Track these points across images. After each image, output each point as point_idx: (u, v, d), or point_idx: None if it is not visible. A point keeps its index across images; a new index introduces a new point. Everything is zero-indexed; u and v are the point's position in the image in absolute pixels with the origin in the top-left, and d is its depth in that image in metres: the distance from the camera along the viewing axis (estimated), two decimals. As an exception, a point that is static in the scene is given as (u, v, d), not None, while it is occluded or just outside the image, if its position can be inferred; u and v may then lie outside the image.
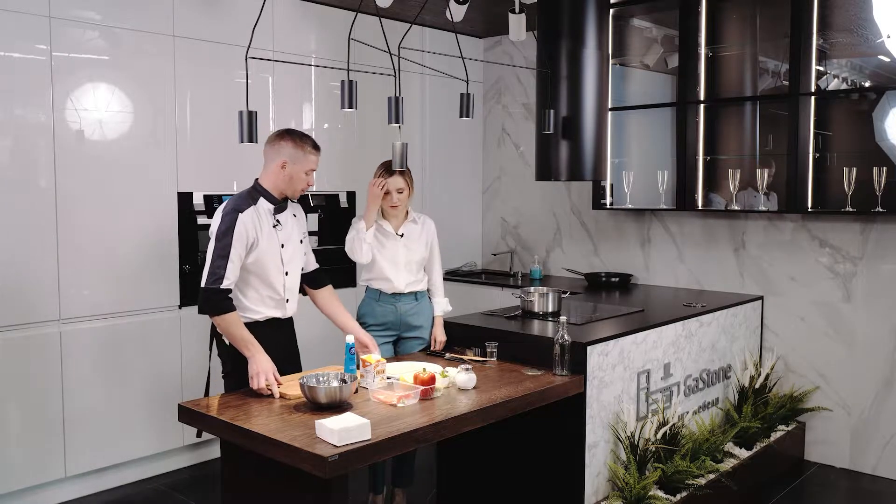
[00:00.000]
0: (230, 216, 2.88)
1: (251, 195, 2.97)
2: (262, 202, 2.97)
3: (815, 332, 4.37)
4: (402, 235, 3.55)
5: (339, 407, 2.60)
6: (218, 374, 3.10)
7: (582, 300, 4.37)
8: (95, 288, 3.85)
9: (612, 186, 4.96)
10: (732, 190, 4.44)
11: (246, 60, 2.68)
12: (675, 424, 3.51)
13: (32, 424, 3.67)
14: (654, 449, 3.37)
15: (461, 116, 3.21)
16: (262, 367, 2.79)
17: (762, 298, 4.52)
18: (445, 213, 5.50)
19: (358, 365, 2.93)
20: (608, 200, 4.98)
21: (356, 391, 2.78)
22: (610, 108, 4.49)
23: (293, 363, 3.19)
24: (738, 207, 4.52)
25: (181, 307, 4.18)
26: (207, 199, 4.24)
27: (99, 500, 3.89)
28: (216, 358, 3.07)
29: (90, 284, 3.83)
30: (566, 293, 4.35)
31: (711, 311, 4.04)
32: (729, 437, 3.88)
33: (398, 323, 3.57)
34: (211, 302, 2.83)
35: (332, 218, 4.82)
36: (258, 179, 3.02)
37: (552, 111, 3.92)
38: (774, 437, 4.15)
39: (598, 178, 4.26)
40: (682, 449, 3.49)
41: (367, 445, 2.31)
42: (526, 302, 3.82)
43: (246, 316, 2.96)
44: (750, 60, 4.69)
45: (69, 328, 3.77)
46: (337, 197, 4.89)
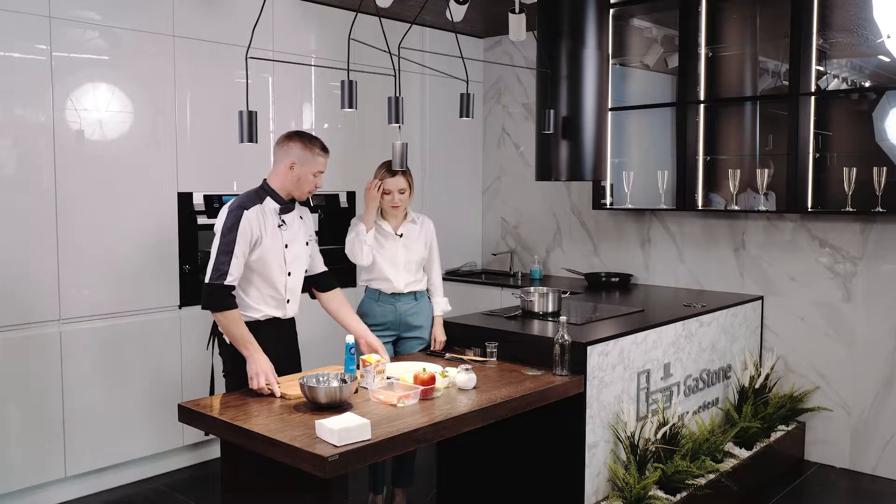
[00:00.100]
0: (235, 213, 2.89)
1: (258, 194, 2.99)
2: (268, 201, 2.98)
3: (815, 332, 4.37)
4: (401, 235, 3.56)
5: (339, 407, 2.60)
6: (220, 372, 3.10)
7: (582, 300, 4.37)
8: (95, 288, 3.85)
9: (612, 186, 4.96)
10: (732, 190, 4.44)
11: (246, 60, 2.68)
12: (675, 424, 3.51)
13: (32, 424, 3.67)
14: (654, 449, 3.37)
15: (461, 116, 3.21)
16: (260, 367, 2.79)
17: (762, 298, 4.52)
18: (445, 213, 5.50)
19: (358, 365, 2.93)
20: (608, 200, 4.98)
21: (356, 391, 2.78)
22: (610, 108, 4.49)
23: (293, 364, 3.18)
24: (737, 207, 4.53)
25: (181, 307, 4.18)
26: (207, 199, 4.24)
27: (99, 500, 3.89)
28: (218, 357, 3.08)
29: (90, 284, 3.83)
30: (566, 293, 4.35)
31: (711, 311, 4.04)
32: (729, 437, 3.88)
33: (398, 323, 3.57)
34: (214, 297, 2.83)
35: (332, 218, 4.82)
36: (266, 179, 3.04)
37: (552, 111, 3.92)
38: (774, 437, 4.16)
39: (598, 178, 4.26)
40: (682, 449, 3.49)
41: (367, 445, 2.31)
42: (526, 302, 3.83)
43: (247, 315, 2.96)
44: (750, 60, 4.69)
45: (69, 328, 3.77)
46: (337, 197, 4.89)
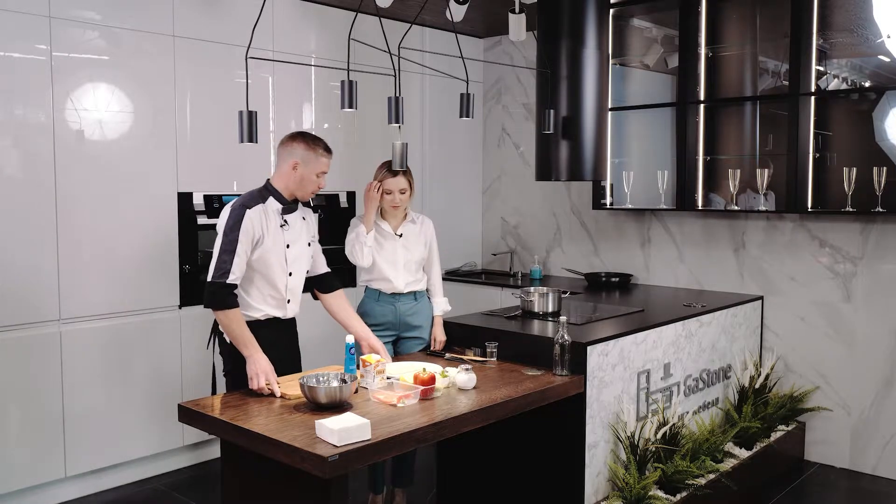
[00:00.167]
0: (238, 211, 2.90)
1: (261, 194, 3.00)
2: (271, 201, 2.99)
3: (815, 332, 4.37)
4: (400, 235, 3.56)
5: (339, 407, 2.60)
6: (221, 371, 3.11)
7: (582, 300, 4.37)
8: (95, 288, 3.85)
9: (612, 186, 4.96)
10: (732, 190, 4.44)
11: (246, 60, 2.68)
12: (675, 424, 3.51)
13: (32, 424, 3.67)
14: (654, 449, 3.37)
15: (461, 116, 3.21)
16: (260, 367, 2.79)
17: (762, 298, 4.52)
18: (445, 213, 5.50)
19: (358, 365, 2.93)
20: (608, 200, 4.98)
21: (356, 391, 2.78)
22: (610, 108, 4.49)
23: (294, 364, 3.18)
24: (737, 208, 4.52)
25: (181, 307, 4.18)
26: (207, 199, 4.24)
27: (99, 500, 3.89)
28: (219, 356, 3.08)
29: (90, 284, 3.83)
30: (566, 293, 4.35)
31: (711, 311, 4.04)
32: (729, 437, 3.88)
33: (397, 323, 3.57)
34: (216, 296, 2.83)
35: (331, 218, 4.82)
36: (270, 179, 3.05)
37: (552, 111, 3.92)
38: (774, 437, 4.15)
39: (598, 178, 4.26)
40: (682, 449, 3.49)
41: (367, 445, 2.31)
42: (526, 302, 3.82)
43: (247, 314, 2.96)
44: (750, 60, 4.69)
45: (69, 328, 3.77)
46: (337, 197, 4.89)
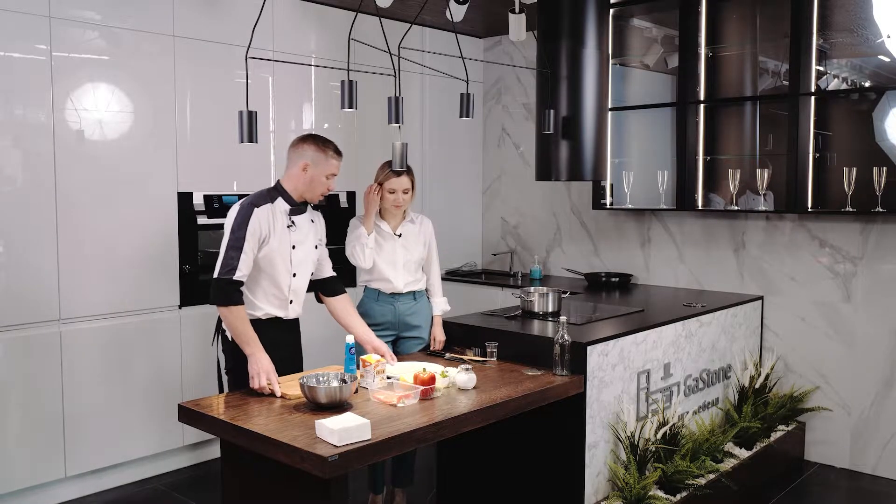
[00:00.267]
0: (246, 210, 2.92)
1: (270, 194, 3.02)
2: (279, 201, 3.01)
3: (815, 332, 4.37)
4: (399, 235, 3.56)
5: (339, 407, 2.60)
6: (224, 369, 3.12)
7: (582, 300, 4.37)
8: (95, 288, 3.85)
9: (612, 186, 4.95)
10: (732, 190, 4.44)
11: (246, 60, 2.68)
12: (675, 424, 3.51)
13: (32, 424, 3.67)
14: (654, 449, 3.37)
15: (461, 116, 3.21)
16: (262, 366, 2.80)
17: (762, 298, 4.52)
18: (445, 213, 5.50)
19: (358, 365, 2.93)
20: (608, 200, 4.98)
21: (356, 391, 2.78)
22: (610, 108, 4.49)
23: (295, 365, 3.19)
24: (737, 207, 4.52)
25: (181, 307, 4.18)
26: (207, 199, 4.24)
27: (99, 500, 3.89)
28: (222, 353, 3.09)
29: (90, 284, 3.83)
30: (566, 293, 4.35)
31: (711, 311, 4.04)
32: (729, 437, 3.87)
33: (397, 323, 3.57)
34: (222, 292, 2.85)
35: (331, 218, 4.76)
36: (280, 180, 3.07)
37: (552, 111, 3.92)
38: (774, 437, 4.15)
39: (598, 178, 4.26)
40: (682, 449, 3.49)
41: (367, 445, 2.31)
42: (526, 302, 3.82)
43: (249, 312, 2.97)
44: (750, 60, 4.69)
45: (69, 328, 3.77)
46: (337, 197, 4.89)
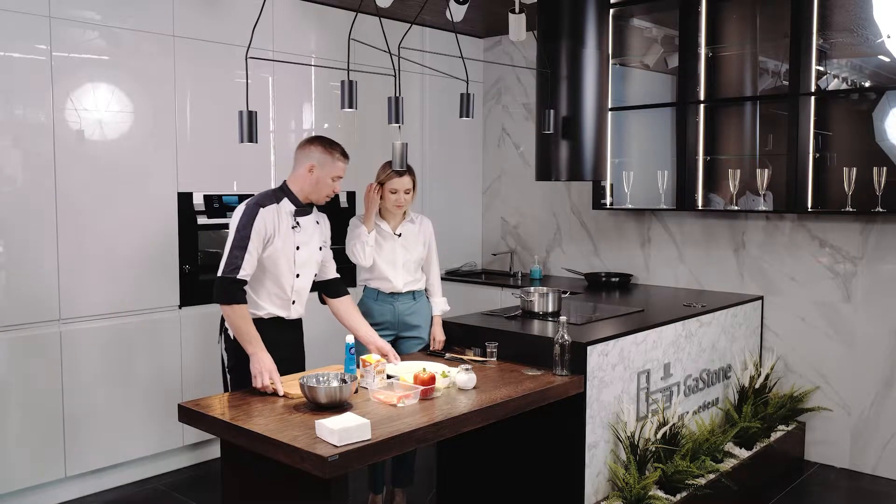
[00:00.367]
0: (252, 209, 2.94)
1: (276, 194, 3.04)
2: (285, 202, 3.03)
3: (815, 332, 4.37)
4: (399, 235, 3.56)
5: (339, 407, 2.60)
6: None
7: (582, 300, 4.37)
8: (95, 288, 3.85)
9: (612, 186, 4.95)
10: (732, 190, 4.44)
11: (246, 60, 2.68)
12: (675, 424, 3.51)
13: (32, 424, 3.67)
14: (654, 449, 3.37)
15: (461, 116, 3.21)
16: (264, 365, 2.81)
17: (762, 298, 4.52)
18: (445, 213, 5.50)
19: (358, 364, 2.93)
20: (608, 200, 4.98)
21: (356, 391, 2.78)
22: (610, 108, 4.49)
23: (297, 365, 3.20)
24: (737, 207, 4.52)
25: (181, 307, 4.18)
26: (207, 199, 4.24)
27: (99, 500, 3.89)
28: (224, 352, 3.10)
29: (90, 284, 3.83)
30: (566, 293, 4.35)
31: (711, 311, 4.04)
32: (729, 437, 3.87)
33: (396, 322, 3.58)
34: (226, 291, 2.86)
35: (331, 218, 4.74)
36: (286, 181, 3.08)
37: (552, 111, 3.91)
38: (774, 437, 4.15)
39: (598, 178, 4.26)
40: (682, 449, 3.49)
41: (367, 445, 2.31)
42: (526, 302, 3.82)
43: (252, 311, 2.97)
44: (750, 60, 4.69)
45: (69, 328, 3.77)
46: (337, 197, 4.85)
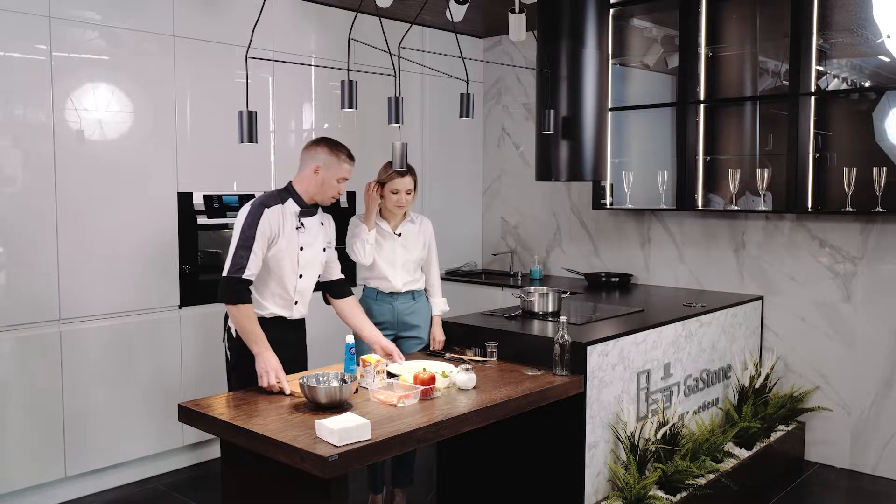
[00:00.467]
0: (257, 210, 2.94)
1: (281, 195, 3.04)
2: (290, 203, 3.03)
3: (815, 332, 4.37)
4: (399, 235, 3.56)
5: (339, 407, 2.60)
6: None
7: (582, 300, 4.37)
8: (95, 288, 3.85)
9: (612, 186, 4.95)
10: (732, 190, 4.44)
11: (246, 60, 2.68)
12: (675, 424, 3.51)
13: (32, 424, 3.67)
14: (654, 449, 3.37)
15: (461, 116, 3.21)
16: (270, 364, 2.82)
17: (762, 298, 4.52)
18: (445, 213, 5.50)
19: (358, 363, 2.93)
20: (608, 200, 4.98)
21: (356, 391, 2.78)
22: (610, 108, 4.49)
23: (300, 365, 3.20)
24: (737, 207, 4.52)
25: (181, 307, 4.18)
26: (207, 199, 4.24)
27: (99, 500, 3.89)
28: (228, 351, 3.10)
29: (90, 284, 3.83)
30: (566, 293, 4.35)
31: (711, 311, 4.04)
32: (729, 437, 3.87)
33: (395, 322, 3.57)
34: (232, 291, 2.87)
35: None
36: (291, 181, 3.09)
37: (552, 111, 3.91)
38: (774, 437, 4.15)
39: (598, 178, 4.26)
40: (682, 449, 3.49)
41: (367, 445, 2.31)
42: (526, 302, 3.82)
43: (254, 310, 2.97)
44: (750, 60, 4.69)
45: (69, 328, 3.77)
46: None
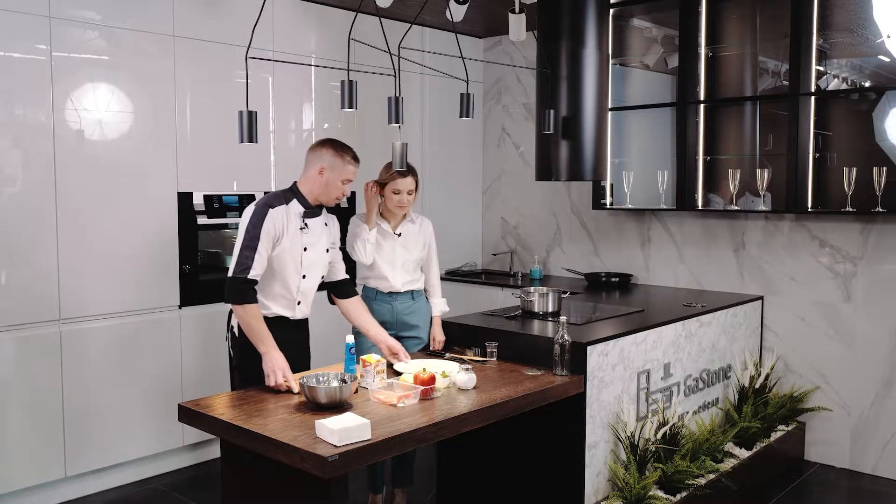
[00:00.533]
0: (261, 210, 2.96)
1: (285, 195, 3.05)
2: (294, 203, 3.04)
3: (815, 332, 4.37)
4: (399, 235, 3.56)
5: (339, 407, 2.60)
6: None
7: (582, 300, 4.37)
8: (95, 288, 3.85)
9: (612, 186, 4.95)
10: (732, 190, 4.44)
11: (246, 60, 2.68)
12: (675, 424, 3.51)
13: (32, 424, 3.67)
14: (654, 449, 3.37)
15: (461, 116, 3.21)
16: (277, 364, 2.82)
17: (762, 298, 4.52)
18: (445, 213, 5.50)
19: (358, 363, 2.93)
20: (608, 200, 4.98)
21: (356, 391, 2.78)
22: (610, 108, 4.49)
23: (302, 365, 3.21)
24: (737, 207, 4.52)
25: (181, 307, 4.18)
26: (207, 199, 4.24)
27: (99, 500, 3.89)
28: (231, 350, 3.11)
29: (90, 284, 3.83)
30: (566, 293, 4.35)
31: (711, 311, 4.04)
32: (729, 437, 3.87)
33: (395, 322, 3.57)
34: (237, 291, 2.88)
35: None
36: (296, 182, 3.10)
37: (552, 111, 3.91)
38: (774, 437, 4.15)
39: (598, 178, 4.26)
40: (682, 449, 3.49)
41: (367, 445, 2.31)
42: (526, 302, 3.82)
43: None
44: (750, 60, 4.69)
45: (69, 328, 3.77)
46: (337, 197, 4.88)
